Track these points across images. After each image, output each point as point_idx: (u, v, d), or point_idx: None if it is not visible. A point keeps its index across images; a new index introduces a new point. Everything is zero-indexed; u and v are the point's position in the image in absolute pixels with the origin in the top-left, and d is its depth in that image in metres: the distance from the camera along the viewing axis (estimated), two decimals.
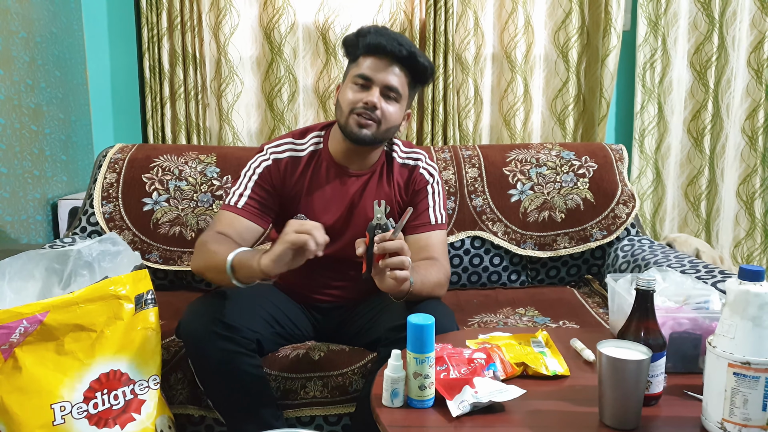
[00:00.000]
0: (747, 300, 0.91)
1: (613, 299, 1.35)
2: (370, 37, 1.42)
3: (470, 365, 1.12)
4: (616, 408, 0.97)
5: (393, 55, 1.41)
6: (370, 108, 1.41)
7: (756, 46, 2.66)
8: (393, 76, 1.43)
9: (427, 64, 1.46)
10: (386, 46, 1.40)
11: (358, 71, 1.43)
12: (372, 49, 1.42)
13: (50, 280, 1.36)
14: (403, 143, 1.61)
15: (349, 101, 1.43)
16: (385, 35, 1.42)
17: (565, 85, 2.69)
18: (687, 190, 2.80)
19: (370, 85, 1.42)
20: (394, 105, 1.45)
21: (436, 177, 1.58)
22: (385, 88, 1.42)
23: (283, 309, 1.51)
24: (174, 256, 1.94)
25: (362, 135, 1.43)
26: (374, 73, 1.42)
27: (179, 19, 2.55)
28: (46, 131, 2.40)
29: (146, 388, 1.34)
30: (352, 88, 1.44)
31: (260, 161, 1.51)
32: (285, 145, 1.54)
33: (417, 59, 1.43)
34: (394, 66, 1.43)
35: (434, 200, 1.55)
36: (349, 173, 1.53)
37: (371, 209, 1.51)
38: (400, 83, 1.44)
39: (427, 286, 1.38)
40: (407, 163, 1.57)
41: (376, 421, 1.03)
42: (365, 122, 1.42)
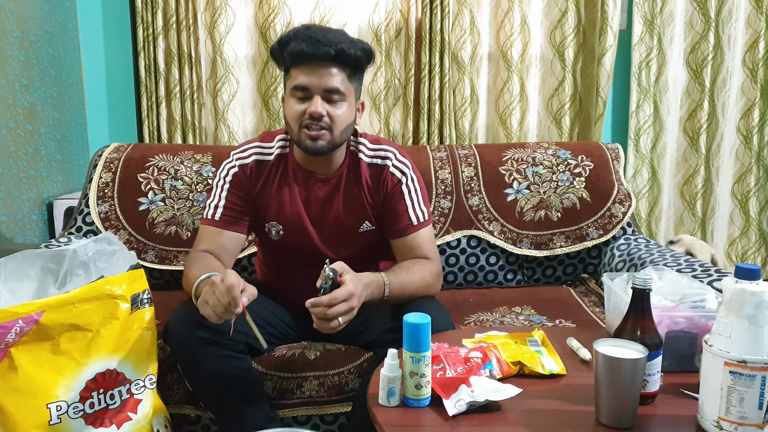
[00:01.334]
0: (743, 299, 0.91)
1: (610, 298, 1.35)
2: (291, 45, 1.34)
3: (466, 364, 1.12)
4: (613, 407, 0.97)
5: (320, 58, 1.34)
6: (317, 118, 1.35)
7: (751, 46, 2.67)
8: (329, 77, 1.35)
9: (360, 53, 1.37)
10: (310, 51, 1.33)
11: (293, 83, 1.37)
12: (297, 57, 1.35)
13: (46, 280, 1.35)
14: (370, 140, 1.52)
15: (295, 115, 1.37)
16: (306, 39, 1.33)
17: (561, 84, 2.69)
18: (683, 189, 2.81)
19: (310, 95, 1.36)
20: (341, 105, 1.38)
21: (409, 174, 1.49)
22: (325, 92, 1.35)
23: (273, 310, 1.50)
24: (170, 256, 1.94)
25: (318, 147, 1.37)
26: (309, 81, 1.35)
27: (174, 18, 2.55)
28: (41, 131, 2.39)
29: (142, 388, 1.34)
30: (292, 100, 1.38)
31: (227, 169, 1.50)
32: (251, 150, 1.51)
33: (347, 54, 1.35)
34: (327, 68, 1.35)
35: (411, 199, 1.48)
36: (316, 178, 1.49)
37: (345, 215, 1.49)
38: (340, 80, 1.37)
39: (408, 288, 1.36)
40: (375, 162, 1.49)
41: (372, 421, 1.03)
42: (316, 134, 1.36)
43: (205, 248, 1.45)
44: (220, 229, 1.47)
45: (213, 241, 1.46)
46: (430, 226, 1.52)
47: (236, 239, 1.49)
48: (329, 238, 1.50)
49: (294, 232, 1.49)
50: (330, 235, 1.50)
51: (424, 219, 1.50)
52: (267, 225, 1.51)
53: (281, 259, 1.58)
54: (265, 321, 1.45)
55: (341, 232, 1.50)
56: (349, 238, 1.50)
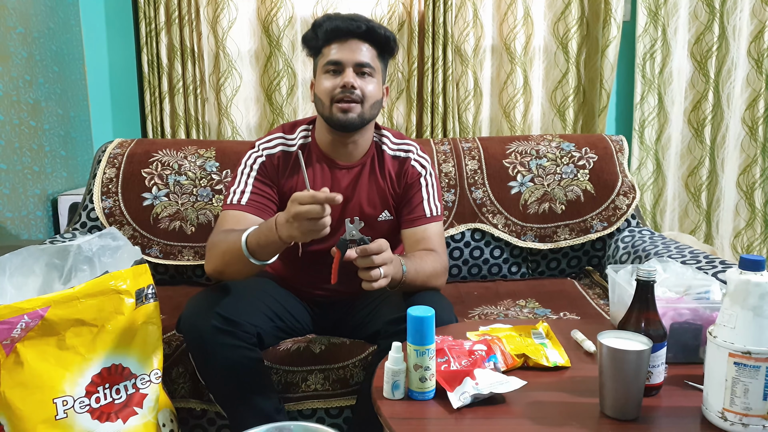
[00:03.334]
0: (747, 290, 0.91)
1: (614, 290, 1.35)
2: (326, 24, 1.43)
3: (471, 357, 1.12)
4: (617, 399, 0.97)
5: (353, 33, 1.42)
6: (349, 90, 1.41)
7: (756, 36, 2.65)
8: (360, 52, 1.43)
9: (389, 34, 1.46)
10: (344, 26, 1.42)
11: (326, 59, 1.44)
12: (332, 34, 1.43)
13: (51, 276, 1.36)
14: (393, 134, 1.59)
15: (327, 90, 1.43)
16: (339, 18, 1.43)
17: (564, 76, 2.68)
18: (687, 181, 2.80)
19: (342, 69, 1.42)
20: (371, 80, 1.44)
21: (429, 168, 1.57)
22: (357, 65, 1.42)
23: (283, 303, 1.51)
24: (174, 251, 1.94)
25: (349, 119, 1.42)
26: (342, 55, 1.42)
27: (177, 13, 2.55)
28: (45, 127, 2.40)
29: (148, 383, 1.34)
30: (326, 77, 1.44)
31: (255, 157, 1.51)
32: (276, 140, 1.53)
33: (377, 31, 1.44)
34: (358, 43, 1.43)
35: (428, 192, 1.54)
36: (340, 166, 1.52)
37: (365, 203, 1.52)
38: (370, 57, 1.44)
39: (421, 276, 1.38)
40: (398, 155, 1.56)
41: (377, 414, 1.03)
42: (348, 106, 1.41)
43: (227, 229, 1.41)
44: (246, 213, 1.45)
45: (239, 223, 1.42)
46: (440, 222, 1.56)
47: None
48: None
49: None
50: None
51: (437, 213, 1.54)
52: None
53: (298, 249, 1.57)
54: (273, 312, 1.46)
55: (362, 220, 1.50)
56: (369, 226, 1.52)
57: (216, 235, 1.41)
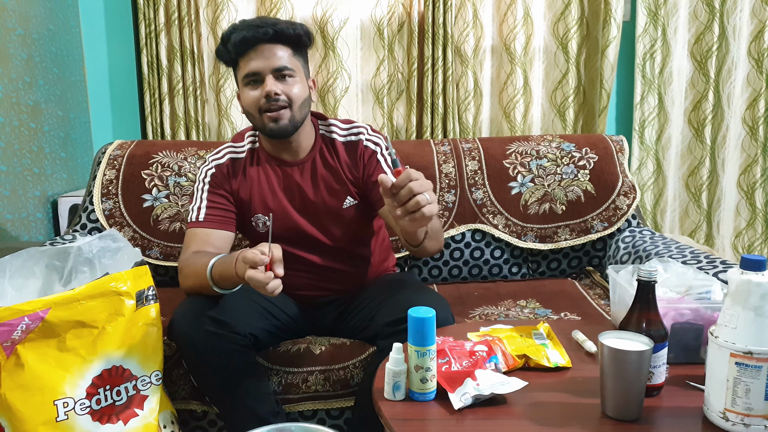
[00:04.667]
0: (749, 290, 0.90)
1: (615, 290, 1.35)
2: (234, 36, 1.40)
3: (472, 358, 1.12)
4: (618, 399, 0.97)
5: (262, 40, 1.39)
6: (274, 98, 1.39)
7: (756, 36, 2.65)
8: (274, 57, 1.40)
9: (299, 31, 1.43)
10: (251, 36, 1.38)
11: (243, 72, 1.42)
12: (241, 46, 1.40)
13: (51, 277, 1.36)
14: (341, 121, 1.57)
15: (252, 102, 1.42)
16: (245, 27, 1.39)
17: (564, 76, 2.68)
18: (688, 181, 2.80)
19: (262, 78, 1.40)
20: (293, 81, 1.42)
21: (383, 144, 1.53)
22: (275, 71, 1.40)
23: (277, 303, 1.50)
24: (174, 252, 1.94)
25: (281, 127, 1.41)
26: (257, 64, 1.39)
27: (176, 14, 2.55)
28: (45, 128, 2.40)
29: (148, 384, 1.34)
30: (248, 89, 1.42)
31: (206, 171, 1.53)
32: (224, 150, 1.55)
33: (285, 32, 1.40)
34: (270, 49, 1.40)
35: (389, 165, 1.51)
36: (289, 163, 1.52)
37: (325, 194, 1.51)
38: (287, 59, 1.41)
39: (436, 224, 1.36)
40: (350, 140, 1.53)
41: (378, 415, 1.03)
42: (276, 114, 1.40)
43: (195, 250, 1.44)
44: (208, 229, 1.47)
45: (203, 242, 1.46)
46: None
47: (225, 238, 1.49)
48: (315, 219, 1.52)
49: (280, 220, 1.50)
50: (316, 217, 1.52)
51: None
52: (253, 219, 1.53)
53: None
54: (267, 312, 1.46)
55: (326, 211, 1.52)
56: (335, 216, 1.52)
57: (185, 258, 1.43)
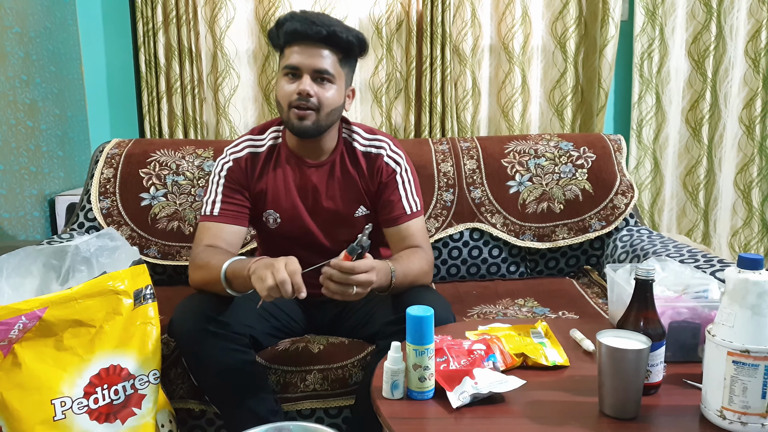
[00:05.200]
0: (746, 288, 0.91)
1: (612, 289, 1.35)
2: (287, 25, 1.38)
3: (470, 356, 1.12)
4: (616, 397, 0.97)
5: (314, 38, 1.36)
6: (304, 97, 1.37)
7: (753, 35, 2.65)
8: (319, 58, 1.38)
9: (352, 39, 1.40)
10: (302, 30, 1.36)
11: (285, 62, 1.40)
12: (292, 36, 1.38)
13: (48, 276, 1.35)
14: (365, 129, 1.55)
15: (284, 94, 1.40)
16: (300, 20, 1.37)
17: (563, 75, 2.68)
18: (685, 180, 2.80)
19: (300, 74, 1.38)
20: (329, 86, 1.40)
21: (403, 164, 1.52)
22: (315, 72, 1.38)
23: (277, 303, 1.50)
24: (172, 251, 1.94)
25: (303, 127, 1.40)
26: (300, 60, 1.37)
27: (174, 12, 2.54)
28: (42, 127, 2.39)
29: (146, 383, 1.34)
30: (284, 80, 1.41)
31: (222, 164, 1.51)
32: (243, 143, 1.53)
33: (339, 36, 1.37)
34: (318, 48, 1.38)
35: (405, 189, 1.51)
36: (308, 164, 1.51)
37: (339, 199, 1.51)
38: (331, 63, 1.39)
39: (410, 277, 1.38)
40: (370, 151, 1.52)
41: (376, 413, 1.03)
42: (303, 113, 1.38)
43: (207, 244, 1.44)
44: (221, 224, 1.46)
45: (215, 236, 1.45)
46: (422, 216, 1.54)
47: (237, 233, 1.48)
48: (325, 223, 1.52)
49: (290, 218, 1.50)
50: (326, 221, 1.52)
51: (417, 209, 1.52)
52: (264, 214, 1.52)
53: (280, 250, 1.58)
54: (267, 312, 1.46)
55: (337, 217, 1.51)
56: (345, 222, 1.52)
57: (197, 253, 1.42)
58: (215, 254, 1.38)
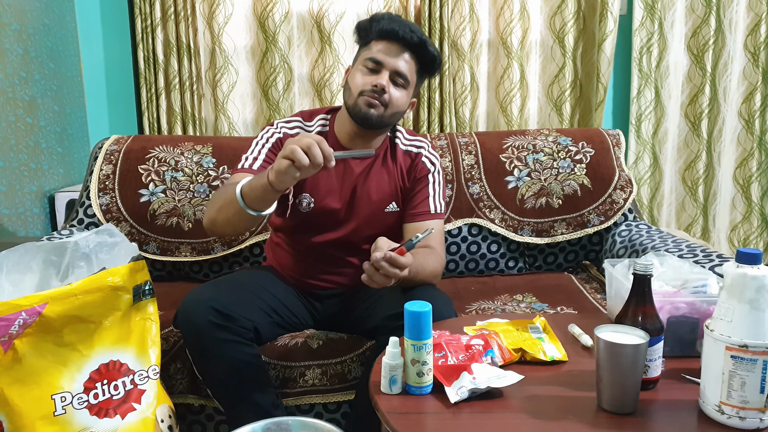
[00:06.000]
0: (744, 283, 0.91)
1: (611, 284, 1.35)
2: (383, 22, 1.44)
3: (468, 351, 1.12)
4: (614, 392, 0.97)
5: (404, 41, 1.44)
6: (379, 91, 1.43)
7: (752, 29, 2.65)
8: (403, 62, 1.45)
9: (436, 54, 1.49)
10: (399, 31, 1.43)
11: (369, 55, 1.46)
12: (384, 34, 1.44)
13: (48, 272, 1.36)
14: (407, 131, 1.64)
15: (359, 84, 1.45)
16: (397, 22, 1.44)
17: (561, 70, 2.68)
18: (684, 175, 2.80)
19: (380, 69, 1.44)
20: (402, 91, 1.47)
21: (438, 166, 1.60)
22: (395, 73, 1.45)
23: (280, 298, 1.51)
24: (171, 247, 1.94)
25: (369, 114, 1.44)
26: (385, 57, 1.44)
27: (173, 9, 2.54)
28: (42, 124, 2.39)
29: (146, 378, 1.34)
30: (363, 71, 1.46)
31: (272, 132, 1.54)
32: (295, 122, 1.57)
33: (427, 47, 1.46)
34: (404, 52, 1.45)
35: (434, 189, 1.57)
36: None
37: (375, 192, 1.54)
38: (409, 70, 1.46)
39: (422, 274, 1.40)
40: (410, 150, 1.59)
41: (374, 408, 1.03)
42: (373, 101, 1.44)
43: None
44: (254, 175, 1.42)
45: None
46: (442, 220, 1.59)
47: None
48: (356, 214, 1.54)
49: (324, 205, 1.52)
50: (357, 211, 1.54)
51: (440, 211, 1.57)
52: (299, 196, 1.53)
53: (304, 236, 1.58)
54: (270, 308, 1.46)
55: (368, 208, 1.54)
56: (375, 216, 1.54)
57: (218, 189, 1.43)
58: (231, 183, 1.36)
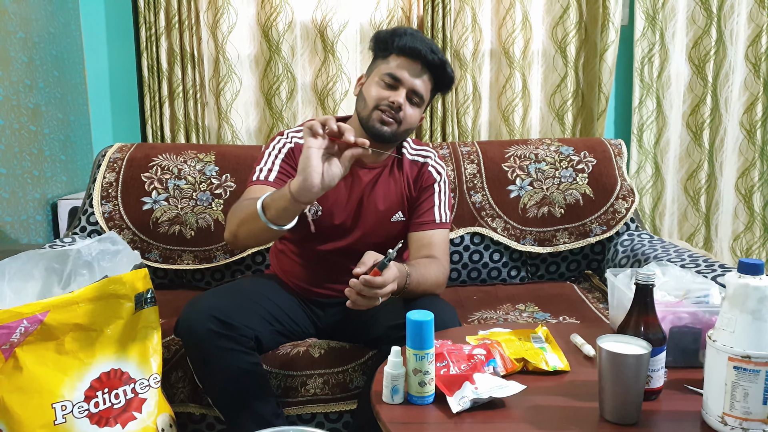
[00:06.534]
0: (746, 293, 0.91)
1: (613, 294, 1.35)
2: (406, 39, 1.44)
3: (470, 361, 1.12)
4: (617, 403, 0.97)
5: (425, 60, 1.44)
6: (395, 108, 1.44)
7: (754, 40, 2.66)
8: (420, 81, 1.46)
9: (453, 76, 1.50)
10: (421, 50, 1.43)
11: (388, 70, 1.45)
12: (407, 51, 1.44)
13: (50, 280, 1.36)
14: (413, 141, 1.65)
15: (375, 97, 1.45)
16: (420, 40, 1.45)
17: (563, 80, 2.69)
18: (686, 185, 2.80)
19: (398, 86, 1.45)
20: (416, 109, 1.48)
21: (444, 176, 1.60)
22: (412, 92, 1.45)
23: (282, 306, 1.51)
24: (174, 255, 1.94)
25: (383, 131, 1.45)
26: (404, 75, 1.44)
27: (177, 18, 2.55)
28: (45, 131, 2.40)
29: (147, 387, 1.34)
30: (380, 84, 1.46)
31: (284, 143, 1.54)
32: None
33: (446, 69, 1.47)
34: (423, 72, 1.46)
35: (440, 199, 1.57)
36: (363, 165, 1.55)
37: (381, 202, 1.54)
38: (425, 89, 1.47)
39: (423, 286, 1.39)
40: (417, 159, 1.60)
41: (376, 418, 1.03)
42: (387, 120, 1.45)
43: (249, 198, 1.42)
44: (271, 187, 1.44)
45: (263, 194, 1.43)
46: (447, 230, 1.58)
47: None
48: (362, 223, 1.54)
49: (331, 213, 1.53)
50: (364, 221, 1.54)
51: (445, 220, 1.57)
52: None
53: (310, 244, 1.58)
54: (271, 316, 1.46)
55: (375, 218, 1.54)
56: (381, 225, 1.54)
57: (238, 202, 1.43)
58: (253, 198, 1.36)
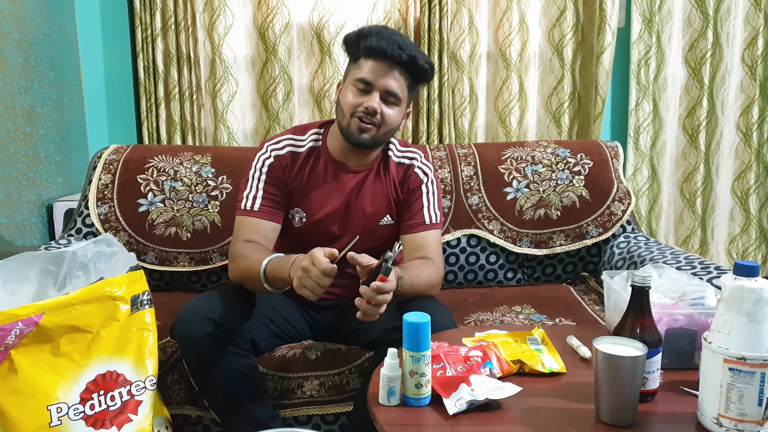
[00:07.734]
0: (742, 295, 0.91)
1: (609, 296, 1.35)
2: (371, 39, 1.42)
3: (466, 363, 1.12)
4: (613, 404, 0.97)
5: (394, 59, 1.41)
6: (371, 113, 1.42)
7: (750, 43, 2.67)
8: (393, 80, 1.43)
9: (427, 66, 1.46)
10: (387, 50, 1.40)
11: (358, 74, 1.44)
12: (372, 52, 1.42)
13: (45, 282, 1.35)
14: (400, 142, 1.63)
15: (350, 104, 1.44)
16: (386, 38, 1.41)
17: (560, 82, 2.69)
18: (682, 187, 2.81)
19: (371, 90, 1.43)
20: (394, 108, 1.46)
21: (431, 176, 1.59)
22: (385, 92, 1.43)
23: (278, 308, 1.51)
24: (170, 257, 1.94)
25: (362, 139, 1.45)
26: (375, 78, 1.42)
27: (173, 19, 2.55)
28: (41, 133, 2.39)
29: (143, 389, 1.34)
30: (353, 91, 1.45)
31: (263, 160, 1.54)
32: (284, 141, 1.56)
33: (417, 63, 1.43)
34: (394, 70, 1.43)
35: (429, 200, 1.56)
36: (348, 169, 1.54)
37: (369, 206, 1.54)
38: (400, 87, 1.45)
39: (416, 287, 1.39)
40: (403, 162, 1.58)
41: (372, 420, 1.03)
42: (365, 126, 1.44)
43: (246, 239, 1.47)
44: (260, 219, 1.49)
45: (254, 231, 1.48)
46: (439, 231, 1.57)
47: (274, 229, 1.52)
48: (351, 228, 1.54)
49: (316, 220, 1.53)
50: (352, 226, 1.54)
51: (436, 221, 1.56)
52: (291, 211, 1.54)
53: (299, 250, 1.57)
54: (268, 318, 1.46)
55: (363, 222, 1.54)
56: (369, 229, 1.54)
57: (237, 248, 1.45)
58: (254, 251, 1.41)
